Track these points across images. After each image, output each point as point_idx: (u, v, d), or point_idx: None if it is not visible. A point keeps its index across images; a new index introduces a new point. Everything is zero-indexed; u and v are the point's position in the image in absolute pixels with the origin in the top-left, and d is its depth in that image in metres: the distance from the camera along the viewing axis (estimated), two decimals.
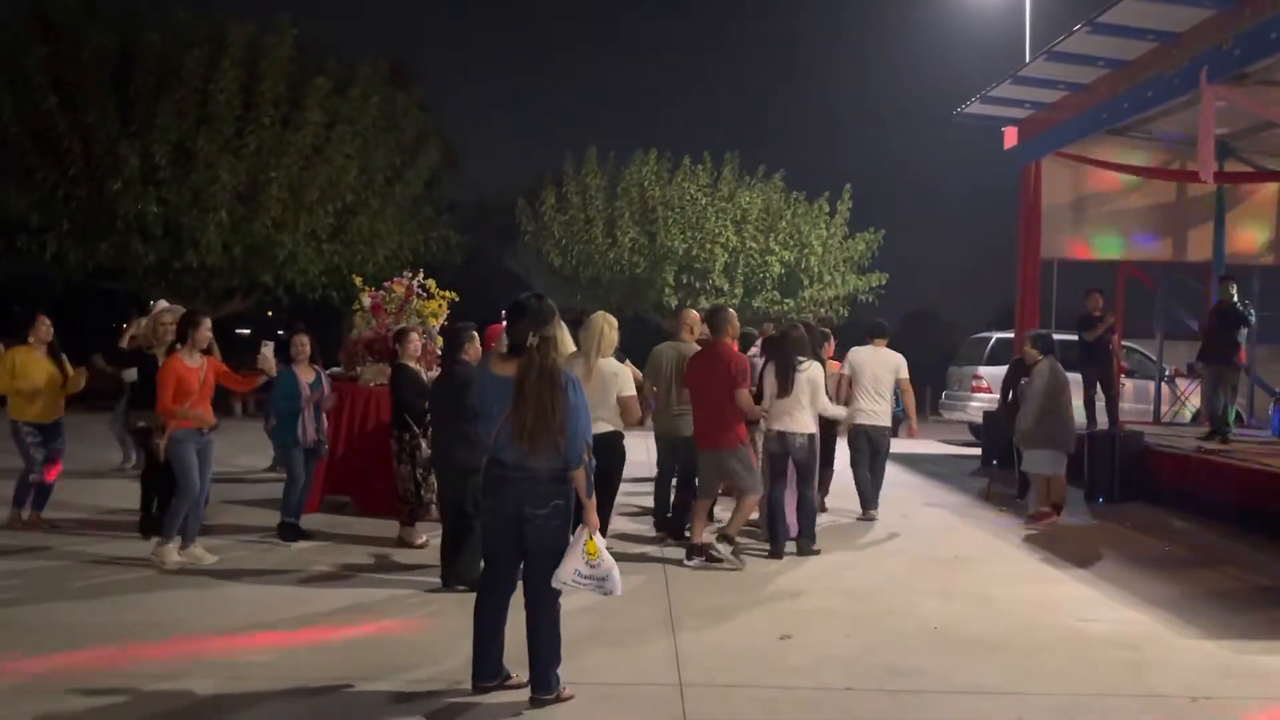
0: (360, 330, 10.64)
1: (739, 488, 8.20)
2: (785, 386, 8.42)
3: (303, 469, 8.64)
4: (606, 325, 7.70)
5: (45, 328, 8.79)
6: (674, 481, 9.23)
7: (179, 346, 7.65)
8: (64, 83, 19.81)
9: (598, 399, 7.14)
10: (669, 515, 9.15)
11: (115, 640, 5.72)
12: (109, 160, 19.76)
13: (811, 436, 8.60)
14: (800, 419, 8.49)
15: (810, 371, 8.55)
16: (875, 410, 10.24)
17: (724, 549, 8.00)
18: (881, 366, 10.26)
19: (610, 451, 7.52)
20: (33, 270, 20.93)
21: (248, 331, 38.67)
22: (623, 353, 9.86)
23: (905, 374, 10.38)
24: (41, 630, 5.89)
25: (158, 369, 7.84)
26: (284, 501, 8.60)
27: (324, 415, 8.95)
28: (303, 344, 8.87)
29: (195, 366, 7.60)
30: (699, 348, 8.77)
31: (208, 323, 7.79)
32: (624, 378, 7.72)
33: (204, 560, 7.55)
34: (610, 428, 7.60)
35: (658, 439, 9.28)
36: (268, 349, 8.19)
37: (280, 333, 12.33)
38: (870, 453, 10.33)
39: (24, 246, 20.23)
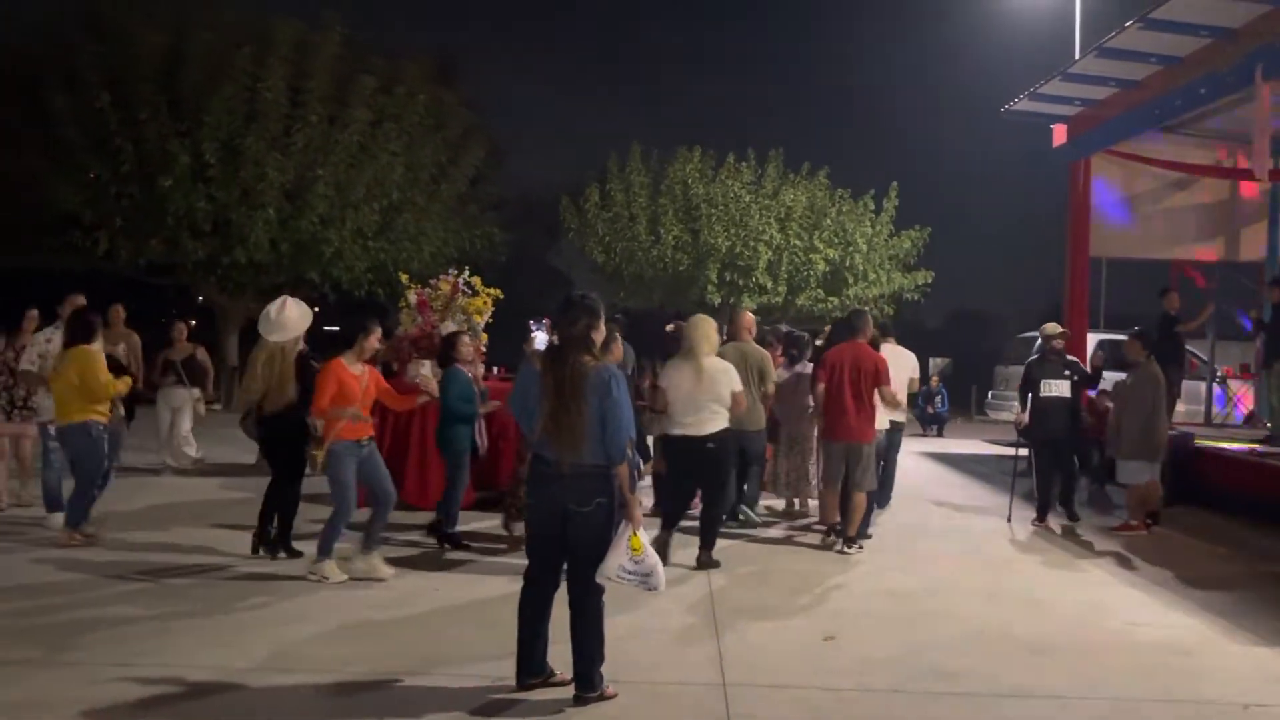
0: (406, 327, 10.70)
1: (854, 480, 8.58)
2: None
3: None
4: (710, 326, 8.06)
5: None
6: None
7: (344, 350, 7.20)
8: (116, 81, 20.11)
9: (709, 396, 7.70)
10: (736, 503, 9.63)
11: (160, 632, 5.82)
12: (160, 157, 20.05)
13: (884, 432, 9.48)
14: (883, 418, 9.20)
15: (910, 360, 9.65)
16: None
17: (850, 549, 8.59)
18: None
19: (725, 450, 7.96)
20: (85, 266, 21.28)
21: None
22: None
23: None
24: (100, 620, 6.00)
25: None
26: (448, 508, 8.29)
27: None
28: (467, 344, 8.58)
29: (358, 374, 7.16)
30: (760, 347, 9.42)
31: (379, 331, 7.41)
32: (733, 374, 7.97)
33: (381, 572, 7.16)
34: (725, 425, 7.88)
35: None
36: (426, 368, 7.90)
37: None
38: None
39: (77, 242, 20.57)
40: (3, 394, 9.09)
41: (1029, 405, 10.32)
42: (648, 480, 9.73)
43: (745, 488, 9.86)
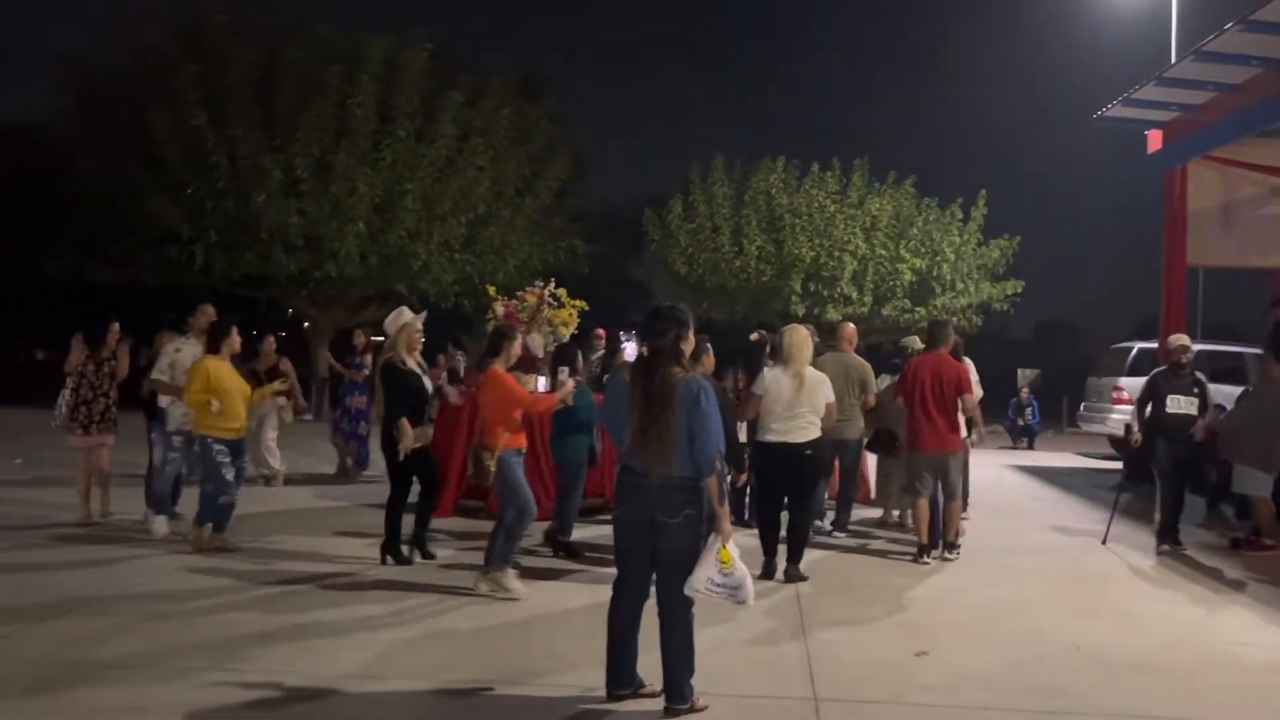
0: None
1: (948, 492, 8.66)
2: None
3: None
4: (806, 335, 8.08)
5: (237, 340, 8.37)
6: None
7: (490, 360, 7.24)
8: (212, 99, 20.68)
9: (807, 405, 7.72)
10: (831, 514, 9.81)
11: (260, 638, 5.94)
12: (253, 173, 20.55)
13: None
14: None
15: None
16: None
17: (951, 555, 8.71)
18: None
19: (821, 458, 8.10)
20: (182, 279, 21.89)
21: (382, 339, 39.69)
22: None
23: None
24: (202, 626, 6.15)
25: (404, 382, 7.79)
26: (563, 518, 8.42)
27: None
28: (579, 356, 8.70)
29: None
30: (862, 360, 9.56)
31: (519, 338, 7.52)
32: (829, 385, 8.01)
33: (511, 591, 6.99)
34: (819, 434, 7.91)
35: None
36: (564, 374, 7.93)
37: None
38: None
39: (175, 257, 21.18)
40: (81, 408, 9.08)
41: (1148, 420, 9.60)
42: None
43: (838, 498, 9.91)
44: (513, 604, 6.80)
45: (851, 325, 10.08)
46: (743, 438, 8.39)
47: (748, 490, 9.11)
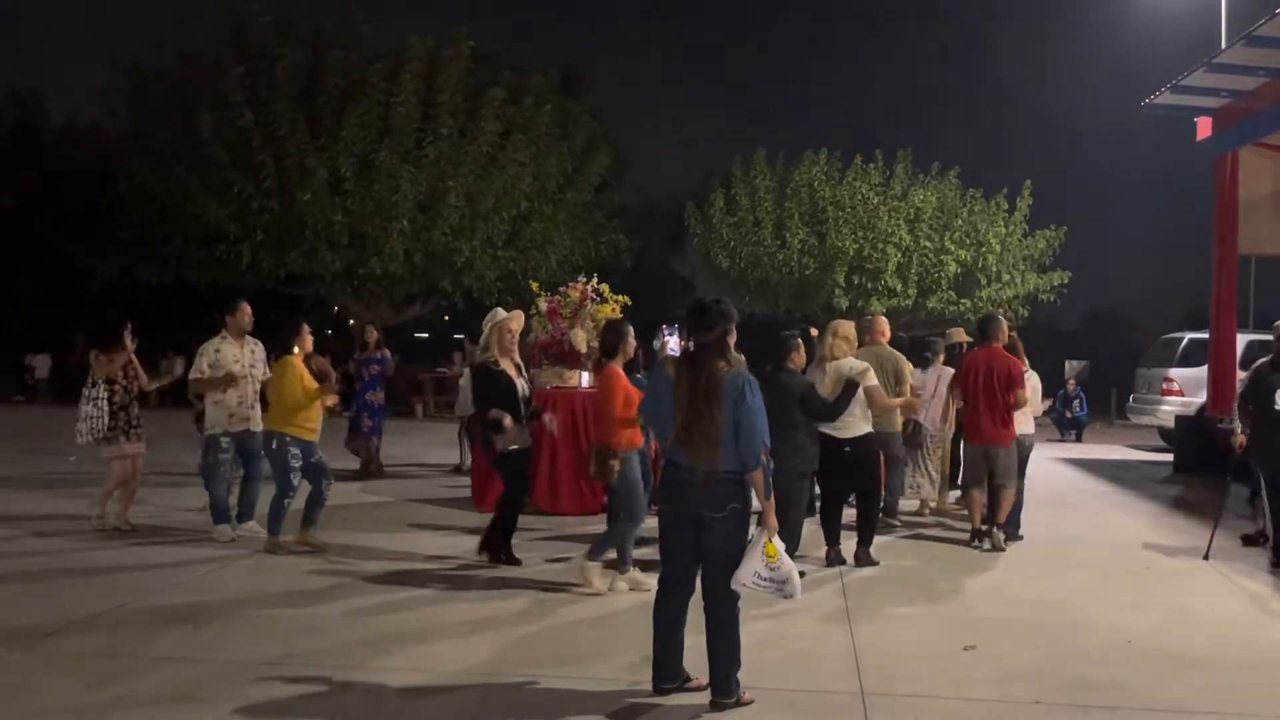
0: (537, 334, 10.84)
1: (998, 481, 8.73)
2: None
3: None
4: (841, 329, 8.28)
5: (308, 339, 8.23)
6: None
7: (605, 360, 7.19)
8: (258, 100, 20.95)
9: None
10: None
11: (311, 632, 6.00)
12: (299, 172, 20.78)
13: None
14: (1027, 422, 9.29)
15: (1032, 380, 9.43)
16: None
17: (999, 539, 8.77)
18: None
19: (866, 453, 8.10)
20: (229, 278, 22.18)
21: (426, 336, 40.04)
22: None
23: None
24: (253, 621, 6.23)
25: (494, 383, 7.69)
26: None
27: None
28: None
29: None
30: (895, 351, 9.58)
31: (632, 332, 7.47)
32: (864, 369, 7.98)
33: (644, 584, 6.81)
34: (866, 429, 8.02)
35: None
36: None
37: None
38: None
39: (223, 255, 21.46)
40: (120, 413, 8.78)
41: (1257, 420, 8.57)
42: None
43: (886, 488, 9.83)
44: (558, 600, 6.82)
45: (884, 318, 10.13)
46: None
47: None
